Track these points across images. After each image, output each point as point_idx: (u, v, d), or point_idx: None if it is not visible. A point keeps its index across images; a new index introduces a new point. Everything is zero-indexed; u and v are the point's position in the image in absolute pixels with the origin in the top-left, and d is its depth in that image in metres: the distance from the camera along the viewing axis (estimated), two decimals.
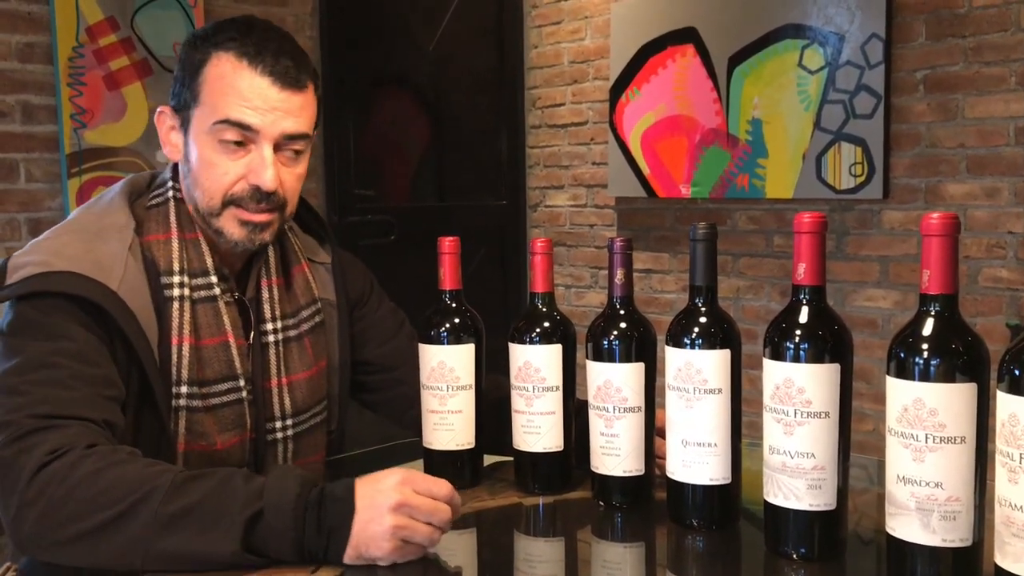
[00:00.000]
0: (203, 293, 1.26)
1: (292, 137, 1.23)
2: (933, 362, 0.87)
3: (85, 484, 1.02)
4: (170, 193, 1.29)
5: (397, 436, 1.54)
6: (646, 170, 3.77)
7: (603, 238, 4.00)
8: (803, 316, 0.98)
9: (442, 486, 1.03)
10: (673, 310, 3.72)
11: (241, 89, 1.20)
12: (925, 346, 0.88)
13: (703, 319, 1.07)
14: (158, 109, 1.30)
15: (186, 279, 1.24)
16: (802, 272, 0.98)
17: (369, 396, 1.50)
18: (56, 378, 1.11)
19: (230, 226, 1.24)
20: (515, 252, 4.26)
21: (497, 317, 2.39)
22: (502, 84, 4.26)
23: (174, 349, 1.22)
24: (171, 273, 1.24)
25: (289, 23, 3.41)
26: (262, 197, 1.22)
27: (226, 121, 1.20)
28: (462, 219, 4.15)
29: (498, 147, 4.30)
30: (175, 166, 1.30)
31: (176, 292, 1.23)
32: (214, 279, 1.26)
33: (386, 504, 0.99)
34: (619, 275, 1.16)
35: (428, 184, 4.22)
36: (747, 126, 3.48)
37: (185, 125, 1.25)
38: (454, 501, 1.04)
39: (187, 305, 1.23)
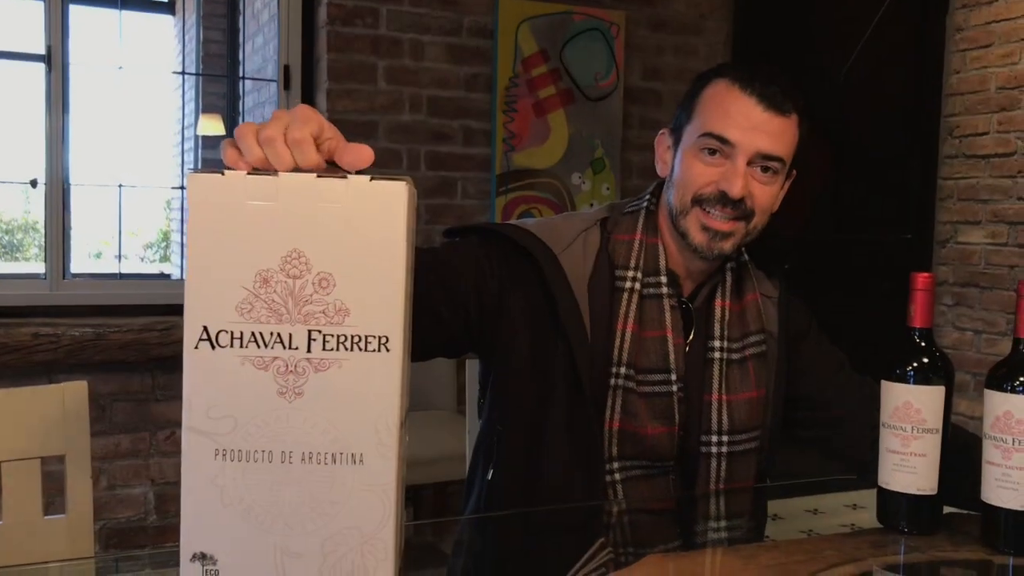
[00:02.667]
0: (652, 291, 1.36)
1: (766, 156, 1.31)
2: None
3: None
4: (644, 203, 1.42)
5: (829, 471, 1.52)
6: None
7: None
8: None
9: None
10: None
11: (728, 107, 1.31)
12: None
13: None
14: (660, 131, 1.43)
15: (639, 275, 1.36)
16: None
17: (805, 432, 1.49)
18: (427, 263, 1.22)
19: (694, 229, 1.34)
20: None
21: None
22: (916, 111, 4.03)
23: (617, 333, 1.33)
24: (627, 268, 1.36)
25: (702, 52, 3.49)
26: (727, 202, 1.31)
27: (710, 134, 1.31)
28: (859, 253, 3.98)
29: (906, 178, 4.06)
30: (657, 186, 1.43)
31: (628, 284, 1.36)
32: (664, 279, 1.37)
33: None
34: None
35: (825, 215, 4.10)
36: None
37: (677, 142, 1.38)
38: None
39: (635, 297, 1.35)
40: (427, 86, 3.27)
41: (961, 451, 1.25)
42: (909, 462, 1.21)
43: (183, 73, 5.35)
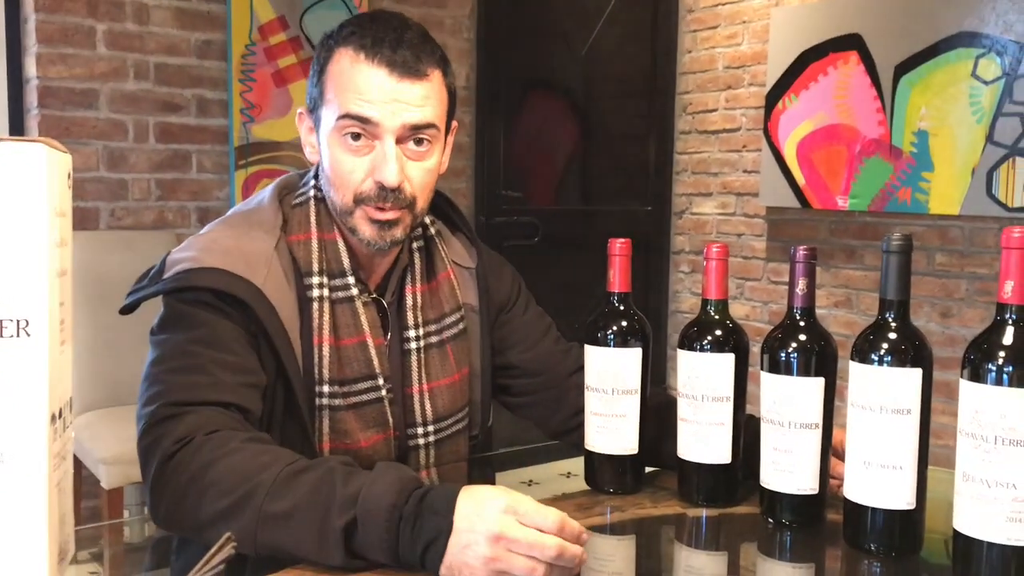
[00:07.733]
0: (341, 294, 1.26)
1: (416, 127, 1.20)
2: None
3: (199, 476, 1.02)
4: (311, 192, 1.29)
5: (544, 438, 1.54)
6: (801, 180, 3.66)
7: (751, 248, 3.91)
8: (1008, 337, 0.92)
9: (549, 517, 0.93)
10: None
11: (358, 82, 1.18)
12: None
13: (893, 335, 1.02)
14: (298, 111, 1.30)
15: (325, 280, 1.25)
16: (1010, 290, 0.92)
17: (512, 400, 1.48)
18: (191, 365, 1.13)
19: (362, 225, 1.23)
20: (659, 258, 4.21)
21: None
22: (653, 89, 4.22)
23: (315, 349, 1.23)
24: (311, 274, 1.24)
25: (447, 25, 3.47)
26: (387, 194, 1.20)
27: (346, 116, 1.18)
28: (606, 223, 4.13)
29: (646, 152, 4.26)
30: (318, 165, 1.29)
31: (316, 293, 1.24)
32: (351, 280, 1.26)
33: (485, 532, 0.91)
34: (801, 285, 1.12)
35: (573, 187, 4.23)
36: (912, 138, 3.33)
37: (317, 125, 1.25)
38: (567, 531, 0.93)
39: (326, 305, 1.24)
40: (154, 52, 3.04)
41: (663, 410, 1.30)
42: (611, 423, 1.24)
43: None
